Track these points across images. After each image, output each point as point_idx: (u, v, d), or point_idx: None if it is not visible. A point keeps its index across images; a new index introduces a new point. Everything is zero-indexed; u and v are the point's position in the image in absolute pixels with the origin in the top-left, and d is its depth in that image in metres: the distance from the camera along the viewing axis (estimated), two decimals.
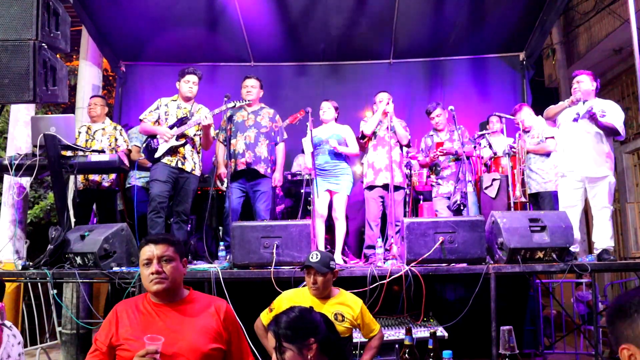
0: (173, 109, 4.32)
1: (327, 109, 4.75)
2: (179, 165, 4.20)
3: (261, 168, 4.48)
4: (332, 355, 1.83)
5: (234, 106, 4.36)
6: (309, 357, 1.75)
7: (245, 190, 4.53)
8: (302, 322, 1.80)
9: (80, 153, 4.02)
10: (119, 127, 4.97)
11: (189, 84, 4.30)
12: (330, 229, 4.80)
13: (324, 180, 4.56)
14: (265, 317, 2.68)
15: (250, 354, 2.04)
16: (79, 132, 4.81)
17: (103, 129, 4.85)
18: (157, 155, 4.16)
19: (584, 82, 4.08)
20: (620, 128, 4.01)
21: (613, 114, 4.03)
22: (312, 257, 2.63)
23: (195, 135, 4.33)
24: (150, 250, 1.92)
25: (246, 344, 2.05)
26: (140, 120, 4.35)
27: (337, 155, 4.67)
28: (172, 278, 1.91)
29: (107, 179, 4.75)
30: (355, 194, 6.10)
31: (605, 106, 4.08)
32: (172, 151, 4.19)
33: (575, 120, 4.08)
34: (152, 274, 1.88)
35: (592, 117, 3.96)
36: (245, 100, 4.46)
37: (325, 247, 4.63)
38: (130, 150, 4.94)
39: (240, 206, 4.53)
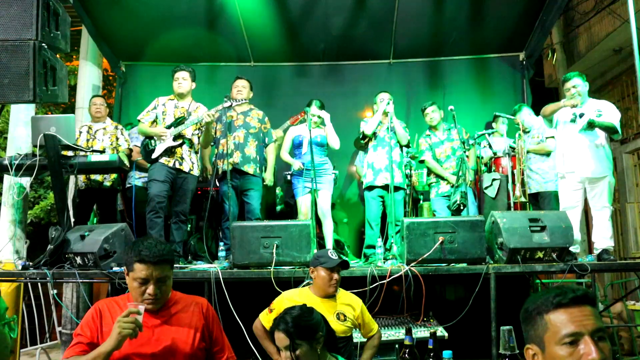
0: (170, 108, 4.31)
1: (317, 110, 4.75)
2: (177, 165, 4.19)
3: (250, 168, 4.49)
4: (330, 346, 1.98)
5: (231, 106, 4.35)
6: (318, 350, 1.86)
7: (237, 190, 4.54)
8: (309, 319, 1.92)
9: (81, 153, 4.02)
10: (120, 127, 4.97)
11: (177, 80, 4.28)
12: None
13: (307, 181, 4.56)
14: (264, 317, 2.68)
15: (231, 349, 2.06)
16: (80, 132, 4.81)
17: (104, 128, 4.86)
18: (154, 156, 4.16)
19: (581, 85, 4.08)
20: (618, 126, 4.01)
21: (609, 113, 4.03)
22: (333, 255, 2.65)
23: (193, 134, 4.32)
24: (147, 271, 1.81)
25: (227, 340, 2.07)
26: (139, 121, 4.35)
27: (320, 157, 4.69)
28: (165, 296, 1.90)
29: (109, 179, 4.75)
30: (354, 195, 6.13)
31: (601, 106, 4.08)
32: (170, 152, 4.18)
33: (573, 121, 4.07)
34: (150, 295, 1.83)
35: (591, 125, 3.96)
36: (239, 100, 4.44)
37: (320, 245, 4.65)
38: (130, 150, 4.94)
39: (237, 210, 4.55)
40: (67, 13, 3.63)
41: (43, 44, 3.30)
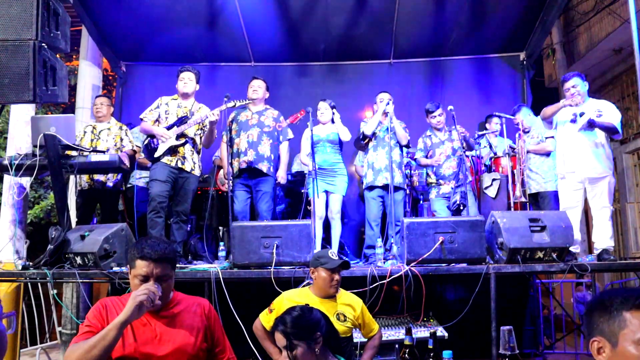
0: (173, 107, 4.33)
1: (325, 110, 4.78)
2: (179, 165, 4.20)
3: (263, 167, 4.48)
4: (332, 346, 1.98)
5: (234, 105, 4.36)
6: (316, 350, 1.87)
7: (249, 188, 4.54)
8: (307, 319, 1.92)
9: (82, 153, 4.02)
10: (124, 127, 4.95)
11: (183, 80, 4.33)
12: (325, 229, 4.83)
13: (321, 181, 4.56)
14: (264, 317, 2.68)
15: (232, 350, 2.06)
16: (84, 132, 4.81)
17: (108, 128, 4.85)
18: (156, 154, 4.17)
19: (580, 85, 4.08)
20: (619, 126, 4.01)
21: (610, 113, 4.03)
22: (334, 256, 2.65)
23: (195, 134, 4.33)
24: (148, 268, 1.82)
25: (227, 341, 2.07)
26: (141, 120, 4.36)
27: (334, 155, 4.71)
28: (166, 295, 1.89)
29: (112, 179, 4.74)
30: (354, 194, 6.13)
31: (601, 106, 4.08)
32: (172, 151, 4.19)
33: (573, 121, 4.08)
34: None
35: (591, 124, 3.96)
36: (249, 99, 4.47)
37: (324, 247, 4.65)
38: (134, 151, 4.94)
39: (248, 208, 4.54)
40: (67, 13, 3.63)
41: (43, 44, 3.30)
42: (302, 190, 4.89)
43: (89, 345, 1.66)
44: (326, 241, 4.85)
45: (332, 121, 4.82)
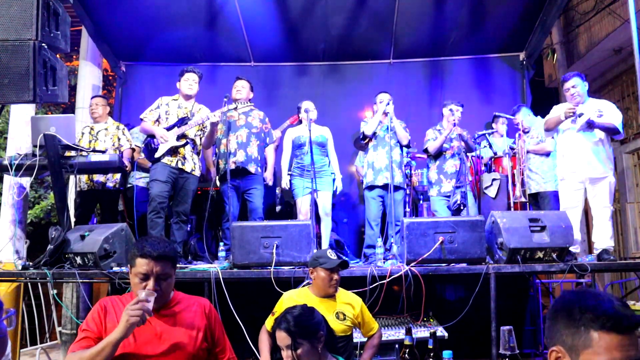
0: (174, 108, 4.32)
1: (313, 109, 4.79)
2: (179, 165, 4.20)
3: (252, 167, 4.49)
4: (330, 347, 2.02)
5: (236, 108, 4.37)
6: (319, 349, 1.89)
7: (239, 190, 4.54)
8: (310, 318, 1.95)
9: (82, 153, 4.02)
10: (121, 127, 4.95)
11: (188, 81, 4.33)
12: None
13: (307, 181, 4.58)
14: (269, 323, 2.67)
15: (232, 350, 2.06)
16: (82, 133, 4.81)
17: (106, 129, 4.85)
18: (157, 155, 4.16)
19: (580, 85, 4.08)
20: (620, 126, 4.01)
21: (610, 112, 4.03)
22: (332, 255, 2.65)
23: (196, 135, 4.33)
24: (148, 266, 1.82)
25: (228, 341, 2.07)
26: (141, 120, 4.36)
27: (320, 155, 4.73)
28: (166, 293, 1.89)
29: (112, 179, 4.74)
30: (354, 195, 6.13)
31: (601, 106, 4.08)
32: (173, 151, 4.19)
33: (573, 121, 4.07)
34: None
35: (590, 125, 3.96)
36: (233, 100, 4.46)
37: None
38: (133, 150, 4.94)
39: (237, 210, 4.55)
40: (67, 13, 3.63)
41: (43, 44, 3.30)
42: (291, 190, 4.92)
43: (84, 358, 1.69)
44: (317, 238, 4.85)
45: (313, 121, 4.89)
